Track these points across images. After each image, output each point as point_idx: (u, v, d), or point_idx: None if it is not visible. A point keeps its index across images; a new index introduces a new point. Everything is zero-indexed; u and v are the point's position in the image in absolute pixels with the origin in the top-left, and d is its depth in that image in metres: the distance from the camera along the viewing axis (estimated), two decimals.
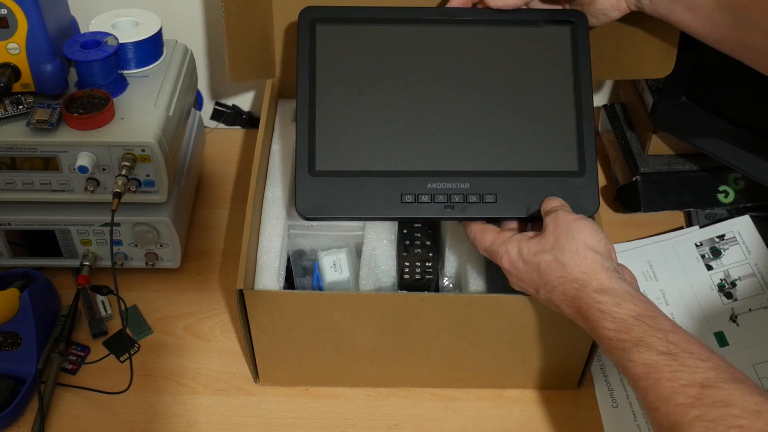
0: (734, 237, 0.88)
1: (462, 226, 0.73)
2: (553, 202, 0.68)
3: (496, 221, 0.71)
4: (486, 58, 0.73)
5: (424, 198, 0.69)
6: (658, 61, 0.82)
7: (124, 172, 0.75)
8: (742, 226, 0.89)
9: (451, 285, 0.80)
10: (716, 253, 0.88)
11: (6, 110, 0.76)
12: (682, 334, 0.56)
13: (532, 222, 0.71)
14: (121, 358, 0.81)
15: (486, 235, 0.68)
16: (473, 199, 0.69)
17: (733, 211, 0.92)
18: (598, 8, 0.74)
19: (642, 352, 0.55)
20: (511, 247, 0.66)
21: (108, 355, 0.82)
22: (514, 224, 0.71)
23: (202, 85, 1.06)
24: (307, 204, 0.70)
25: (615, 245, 0.89)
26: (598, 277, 0.60)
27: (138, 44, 0.83)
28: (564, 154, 0.71)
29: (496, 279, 0.79)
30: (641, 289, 0.85)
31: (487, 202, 0.69)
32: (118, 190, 0.75)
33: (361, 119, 0.71)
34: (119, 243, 0.84)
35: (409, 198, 0.69)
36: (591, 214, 0.69)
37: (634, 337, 0.56)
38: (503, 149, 0.71)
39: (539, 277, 0.63)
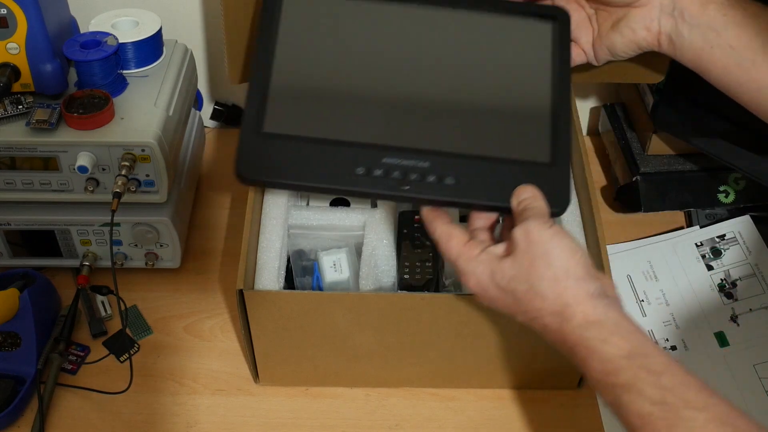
0: (734, 237, 0.88)
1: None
2: (525, 192, 0.62)
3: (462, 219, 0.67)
4: (463, 41, 0.70)
5: (378, 172, 0.63)
6: (651, 67, 0.81)
7: (124, 172, 0.75)
8: (743, 226, 0.89)
9: (451, 285, 0.80)
10: (717, 253, 0.88)
11: (6, 110, 0.76)
12: (676, 373, 0.52)
13: (502, 214, 0.65)
14: (121, 358, 0.81)
15: (451, 244, 0.61)
16: (431, 178, 0.63)
17: (734, 211, 0.92)
18: (629, 22, 0.69)
19: (634, 401, 0.51)
20: (481, 269, 0.59)
21: (108, 355, 0.82)
22: (482, 222, 0.65)
23: (202, 85, 1.06)
24: (248, 166, 0.64)
25: (615, 245, 0.90)
26: (582, 308, 0.55)
27: (138, 44, 0.83)
28: (536, 144, 0.65)
29: None
30: (642, 291, 0.85)
31: (447, 184, 0.63)
32: (118, 190, 0.75)
33: (320, 85, 0.67)
34: (119, 243, 0.84)
35: (360, 170, 0.63)
36: (563, 209, 0.64)
37: (624, 382, 0.52)
38: (471, 132, 0.66)
39: (517, 305, 0.58)
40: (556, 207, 0.62)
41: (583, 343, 0.54)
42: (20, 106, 0.77)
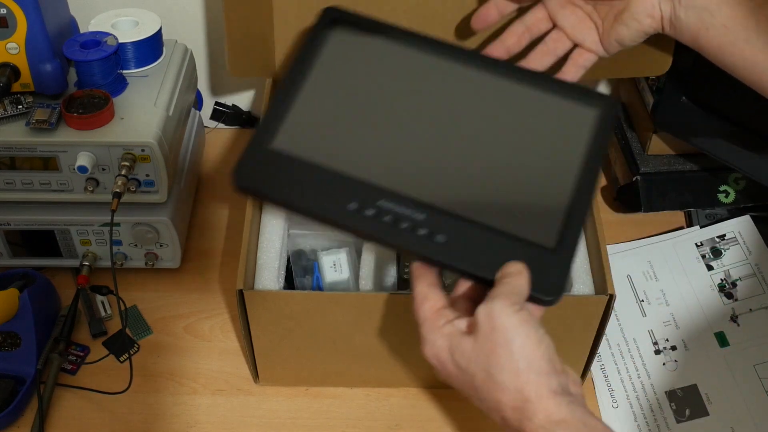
0: (735, 237, 0.88)
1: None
2: (511, 267, 0.57)
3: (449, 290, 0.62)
4: (499, 108, 0.67)
5: (369, 212, 0.60)
6: (655, 58, 0.81)
7: (123, 172, 0.75)
8: (743, 226, 0.89)
9: (451, 285, 0.80)
10: (717, 253, 0.88)
11: (5, 110, 0.76)
12: None
13: (487, 287, 0.59)
14: (121, 359, 0.81)
15: (423, 307, 0.57)
16: (422, 231, 0.60)
17: (734, 211, 0.92)
18: (632, 13, 0.69)
19: None
20: (441, 342, 0.55)
21: (108, 355, 0.81)
22: (465, 290, 0.60)
23: (202, 85, 1.05)
24: (245, 175, 0.63)
25: (615, 245, 0.90)
26: (545, 406, 0.50)
27: (138, 44, 0.83)
28: (544, 226, 0.61)
29: None
30: (642, 291, 0.85)
31: (436, 242, 0.59)
32: (117, 190, 0.75)
33: (339, 117, 0.66)
34: (119, 243, 0.83)
35: (352, 206, 0.61)
36: (554, 299, 0.58)
37: None
38: (477, 197, 0.63)
39: (475, 391, 0.54)
40: (546, 295, 0.58)
41: None
42: (20, 106, 0.76)
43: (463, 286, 0.60)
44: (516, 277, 0.56)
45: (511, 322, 0.52)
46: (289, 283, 0.81)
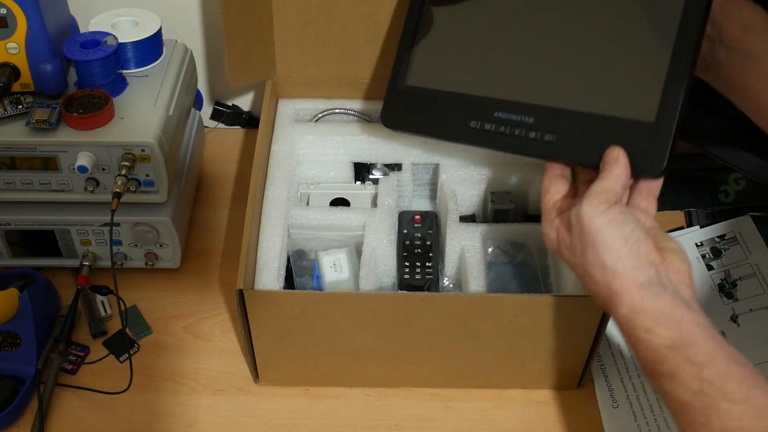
0: (735, 237, 0.88)
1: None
2: (611, 154, 0.60)
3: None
4: None
5: (488, 126, 0.68)
6: None
7: (123, 172, 0.75)
8: (743, 226, 0.89)
9: (451, 285, 0.80)
10: (717, 253, 0.88)
11: (5, 110, 0.76)
12: (719, 365, 0.52)
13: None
14: (121, 359, 0.81)
15: (544, 200, 0.63)
16: (533, 135, 0.65)
17: (734, 211, 0.92)
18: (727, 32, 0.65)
19: (675, 390, 0.52)
20: (552, 235, 0.62)
21: (108, 355, 0.81)
22: (588, 175, 0.63)
23: (202, 85, 1.05)
24: (389, 116, 0.77)
25: None
26: (630, 299, 0.55)
27: (138, 44, 0.83)
28: (643, 101, 0.61)
29: (496, 279, 0.79)
30: None
31: (546, 141, 0.65)
32: (117, 190, 0.75)
33: (453, 45, 0.74)
34: (119, 243, 0.84)
35: (474, 124, 0.69)
36: (656, 173, 0.60)
37: (667, 371, 0.53)
38: (578, 86, 0.66)
39: (579, 277, 0.60)
40: (651, 172, 0.61)
41: (630, 331, 0.55)
42: (20, 106, 0.76)
43: (584, 172, 0.64)
44: (612, 166, 0.59)
45: (596, 224, 0.57)
46: (289, 283, 0.81)
